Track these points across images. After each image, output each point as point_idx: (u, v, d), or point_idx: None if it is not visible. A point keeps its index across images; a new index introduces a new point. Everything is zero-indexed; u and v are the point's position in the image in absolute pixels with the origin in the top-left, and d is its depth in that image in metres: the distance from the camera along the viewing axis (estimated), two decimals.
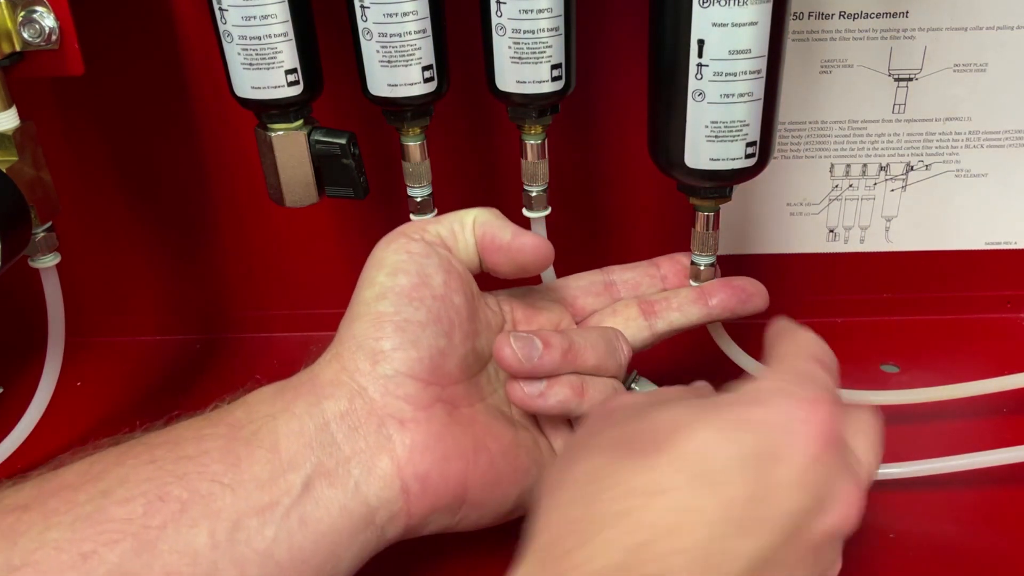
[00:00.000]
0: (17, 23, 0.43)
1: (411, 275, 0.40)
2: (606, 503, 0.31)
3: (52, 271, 0.48)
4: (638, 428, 0.34)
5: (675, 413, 0.34)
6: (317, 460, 0.37)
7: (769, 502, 0.31)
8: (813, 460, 0.32)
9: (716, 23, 0.39)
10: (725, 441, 0.32)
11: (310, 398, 0.39)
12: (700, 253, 0.47)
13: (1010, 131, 0.55)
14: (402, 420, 0.39)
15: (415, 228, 0.43)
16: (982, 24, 0.51)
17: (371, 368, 0.39)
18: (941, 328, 0.61)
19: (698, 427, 0.32)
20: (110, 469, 0.36)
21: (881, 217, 0.58)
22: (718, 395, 0.36)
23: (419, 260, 0.41)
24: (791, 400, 0.33)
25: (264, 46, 0.43)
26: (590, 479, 0.33)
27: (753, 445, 0.32)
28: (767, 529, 0.31)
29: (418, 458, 0.38)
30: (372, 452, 0.38)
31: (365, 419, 0.38)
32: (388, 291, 0.40)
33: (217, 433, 0.37)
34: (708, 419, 0.33)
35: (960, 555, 0.45)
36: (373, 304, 0.40)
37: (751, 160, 0.42)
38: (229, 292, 0.62)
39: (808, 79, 0.53)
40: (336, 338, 0.41)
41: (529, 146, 0.46)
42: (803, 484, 0.32)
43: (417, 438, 0.38)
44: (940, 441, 0.50)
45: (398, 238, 0.42)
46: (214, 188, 0.57)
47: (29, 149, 0.46)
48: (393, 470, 0.38)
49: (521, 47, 0.42)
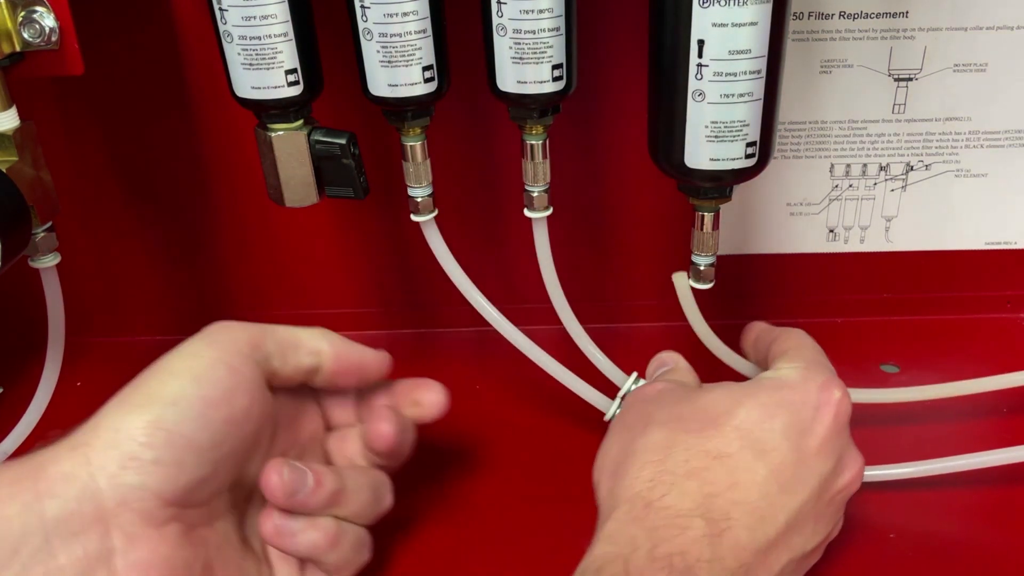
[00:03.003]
0: (17, 23, 0.43)
1: (217, 392, 0.37)
2: (680, 463, 0.38)
3: (52, 271, 0.48)
4: (691, 408, 0.41)
5: (721, 395, 0.41)
6: (22, 567, 0.33)
7: (804, 466, 0.39)
8: (833, 433, 0.40)
9: (716, 23, 0.38)
10: (769, 417, 0.40)
11: (28, 496, 0.33)
12: (700, 253, 0.47)
13: (1010, 131, 0.55)
14: (131, 535, 0.35)
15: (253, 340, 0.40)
16: (982, 24, 0.51)
17: (117, 471, 0.34)
18: (941, 328, 0.61)
19: (743, 407, 0.40)
20: None
21: (881, 217, 0.58)
22: (747, 382, 0.43)
23: (236, 379, 0.38)
24: (814, 384, 0.41)
25: (264, 46, 0.43)
26: (660, 447, 0.39)
27: (789, 420, 0.40)
28: (802, 488, 0.39)
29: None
30: (89, 563, 0.34)
31: (90, 525, 0.34)
32: (184, 399, 0.36)
33: None
34: (752, 400, 0.40)
35: (960, 555, 0.45)
36: (159, 404, 0.36)
37: (751, 160, 0.42)
38: (229, 292, 0.62)
39: (808, 79, 0.53)
40: (95, 419, 0.36)
41: (530, 146, 0.46)
42: (827, 452, 0.40)
43: (142, 555, 0.35)
44: (940, 441, 0.50)
45: (231, 343, 0.39)
46: (214, 188, 0.57)
47: (29, 149, 0.46)
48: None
49: (522, 47, 0.42)
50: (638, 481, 0.38)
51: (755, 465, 0.38)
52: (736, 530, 0.36)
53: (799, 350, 0.44)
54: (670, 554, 0.35)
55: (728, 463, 0.38)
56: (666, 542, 0.35)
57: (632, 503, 0.38)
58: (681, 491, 0.37)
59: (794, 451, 0.39)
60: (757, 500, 0.37)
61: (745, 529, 0.37)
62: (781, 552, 0.38)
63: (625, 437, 0.42)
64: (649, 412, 0.42)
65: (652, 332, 0.61)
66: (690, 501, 0.37)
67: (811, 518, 0.39)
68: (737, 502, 0.37)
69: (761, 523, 0.37)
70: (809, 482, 0.39)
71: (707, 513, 0.37)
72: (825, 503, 0.40)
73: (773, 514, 0.38)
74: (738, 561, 0.36)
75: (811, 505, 0.39)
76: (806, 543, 0.39)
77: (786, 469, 0.38)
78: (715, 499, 0.37)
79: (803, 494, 0.38)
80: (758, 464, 0.38)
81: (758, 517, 0.37)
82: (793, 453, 0.39)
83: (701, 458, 0.38)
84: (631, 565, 0.35)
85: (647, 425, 0.41)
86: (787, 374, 0.42)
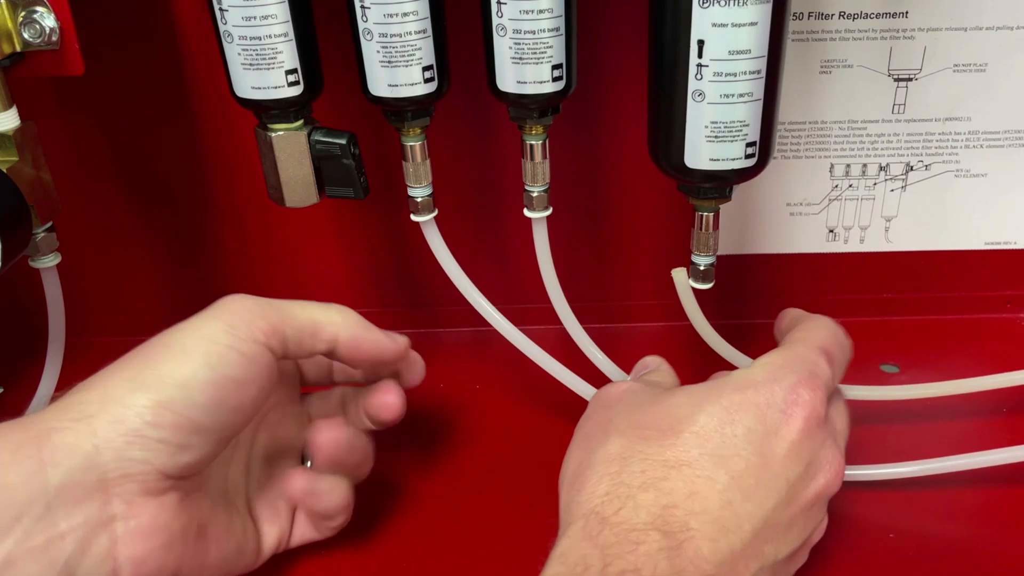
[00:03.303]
0: (17, 23, 0.43)
1: (229, 380, 0.37)
2: (636, 475, 0.37)
3: (52, 271, 0.48)
4: (651, 415, 0.39)
5: (680, 401, 0.39)
6: (24, 534, 0.33)
7: (770, 472, 0.37)
8: (803, 435, 0.38)
9: (716, 23, 0.39)
10: (730, 421, 0.38)
11: (31, 463, 0.34)
12: (700, 253, 0.47)
13: (1010, 131, 0.55)
14: (132, 503, 0.35)
15: (271, 328, 0.39)
16: (982, 24, 0.51)
17: (123, 446, 0.35)
18: (941, 328, 0.61)
19: (703, 412, 0.38)
20: None
21: (881, 217, 0.58)
22: (713, 381, 0.41)
23: (249, 369, 0.38)
24: (781, 384, 0.39)
25: (264, 46, 0.43)
26: (617, 457, 0.38)
27: (752, 424, 0.38)
28: (769, 495, 0.37)
29: (139, 543, 0.36)
30: (90, 529, 0.35)
31: (92, 493, 0.35)
32: (195, 383, 0.36)
33: None
34: (714, 403, 0.38)
35: (960, 555, 0.45)
36: (170, 386, 0.36)
37: (751, 160, 0.42)
38: (229, 292, 0.62)
39: (808, 79, 0.53)
40: (102, 390, 0.36)
41: (530, 146, 0.46)
42: (796, 456, 0.38)
43: (142, 522, 0.36)
44: (940, 441, 0.50)
45: (247, 329, 0.39)
46: (214, 188, 0.57)
47: (29, 149, 0.46)
48: (108, 550, 0.35)
49: (522, 47, 0.42)
50: (594, 496, 0.37)
51: (715, 473, 0.37)
52: (696, 541, 0.35)
53: (792, 344, 0.42)
54: (623, 571, 0.34)
55: (686, 472, 0.37)
56: (619, 559, 0.34)
57: (587, 519, 0.36)
58: (636, 504, 0.36)
59: (758, 456, 0.37)
60: (718, 509, 0.36)
61: (707, 540, 0.35)
62: (750, 562, 0.36)
63: (584, 447, 0.40)
64: (609, 419, 0.41)
65: (652, 332, 0.61)
66: (646, 514, 0.35)
67: (782, 525, 0.37)
68: (696, 512, 0.36)
69: (724, 533, 0.35)
70: (776, 488, 0.37)
71: (664, 526, 0.35)
72: (798, 508, 0.38)
73: (738, 523, 0.36)
74: (700, 573, 0.34)
75: (781, 512, 0.37)
76: (779, 551, 0.37)
77: (749, 475, 0.37)
78: (672, 510, 0.36)
79: (770, 501, 0.37)
80: (718, 471, 0.37)
81: (720, 527, 0.36)
82: (757, 458, 0.37)
83: (658, 468, 0.37)
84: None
85: (606, 434, 0.40)
86: (756, 372, 0.40)
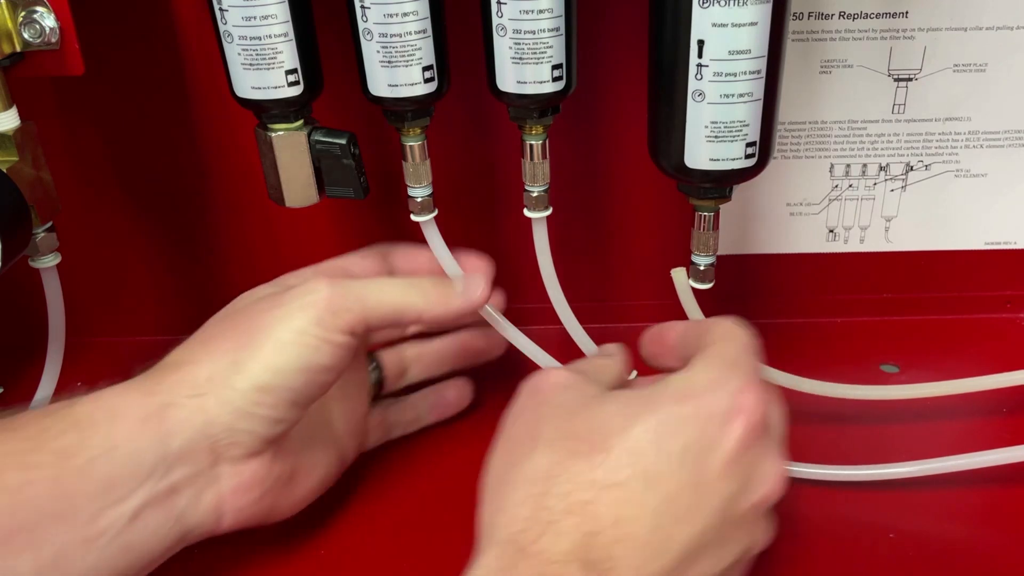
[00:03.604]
0: (17, 23, 0.43)
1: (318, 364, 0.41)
2: (561, 497, 0.35)
3: (52, 271, 0.48)
4: (585, 423, 0.37)
5: (615, 410, 0.37)
6: (149, 493, 0.39)
7: (704, 491, 0.35)
8: (742, 448, 0.36)
9: (716, 23, 0.39)
10: (667, 436, 0.35)
11: (156, 433, 0.39)
12: (700, 253, 0.47)
13: (1010, 131, 0.55)
14: (235, 461, 0.41)
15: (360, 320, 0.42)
16: (982, 24, 0.51)
17: (231, 421, 0.40)
18: (941, 328, 0.61)
19: (638, 425, 0.36)
20: None
21: (881, 217, 0.58)
22: (651, 387, 0.38)
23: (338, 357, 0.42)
24: (720, 393, 0.37)
25: (264, 46, 0.43)
26: (543, 476, 0.36)
27: (689, 440, 0.35)
28: (700, 516, 0.35)
29: (240, 495, 0.41)
30: (201, 486, 0.40)
31: (204, 456, 0.40)
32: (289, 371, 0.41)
33: (43, 462, 0.37)
34: (650, 416, 0.36)
35: (960, 555, 0.45)
36: (269, 372, 0.40)
37: (751, 160, 0.42)
38: (229, 292, 0.62)
39: (808, 79, 0.53)
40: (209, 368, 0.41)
41: (530, 146, 0.46)
42: (732, 472, 0.36)
43: (244, 479, 0.41)
44: (940, 441, 0.50)
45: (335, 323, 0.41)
46: (214, 188, 0.57)
47: (29, 149, 0.46)
48: (215, 503, 0.41)
49: (522, 47, 0.42)
50: (514, 521, 0.35)
51: (645, 496, 0.35)
52: (619, 570, 0.33)
53: (720, 345, 0.40)
54: None
55: (615, 494, 0.35)
56: None
57: (504, 547, 0.34)
58: (558, 532, 0.34)
59: (692, 475, 0.35)
60: (646, 535, 0.34)
61: (631, 569, 0.34)
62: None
63: (509, 453, 0.39)
64: (539, 424, 0.38)
65: None
66: (567, 542, 0.34)
67: (714, 543, 0.35)
68: (621, 539, 0.34)
69: (651, 560, 0.34)
70: (710, 507, 0.35)
71: (586, 555, 0.33)
72: (734, 523, 0.36)
73: (666, 548, 0.34)
74: None
75: (714, 531, 0.35)
76: (711, 568, 0.36)
77: (682, 497, 0.35)
78: (596, 537, 0.34)
79: (703, 521, 0.35)
80: (649, 494, 0.35)
81: (647, 554, 0.34)
82: (691, 478, 0.35)
83: (586, 489, 0.35)
84: None
85: (534, 444, 0.37)
86: (696, 380, 0.38)
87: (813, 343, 0.60)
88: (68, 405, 0.40)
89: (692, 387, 0.37)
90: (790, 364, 0.50)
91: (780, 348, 0.57)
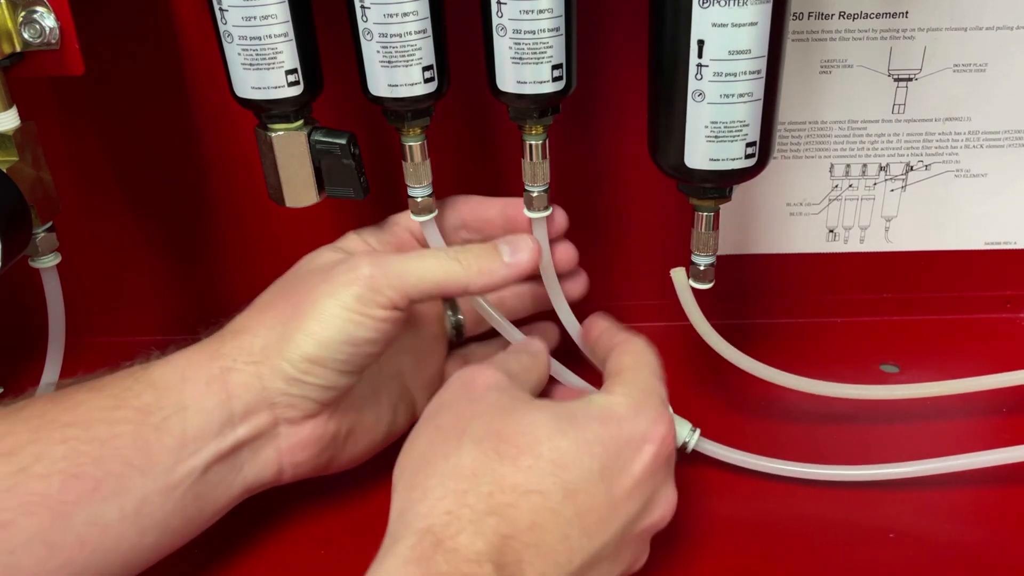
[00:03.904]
0: (17, 23, 0.43)
1: (363, 338, 0.43)
2: (484, 496, 0.36)
3: (52, 271, 0.48)
4: (513, 426, 0.39)
5: (544, 421, 0.39)
6: (217, 449, 0.42)
7: (613, 509, 0.38)
8: (649, 473, 0.39)
9: (716, 23, 0.39)
10: (589, 454, 0.38)
11: (221, 395, 0.42)
12: (700, 253, 0.47)
13: (1010, 131, 0.55)
14: (292, 422, 0.43)
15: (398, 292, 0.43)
16: (982, 24, 0.51)
17: (284, 387, 0.42)
18: (941, 328, 0.61)
19: (566, 439, 0.38)
20: (24, 446, 0.39)
21: (881, 217, 0.58)
22: (576, 403, 0.41)
23: (380, 326, 0.43)
24: (638, 420, 0.40)
25: (264, 46, 0.43)
26: (468, 473, 0.37)
27: (608, 461, 0.38)
28: (605, 531, 0.38)
29: (298, 452, 0.44)
30: (262, 443, 0.43)
31: (263, 416, 0.43)
32: (335, 343, 0.42)
33: (126, 417, 0.41)
34: (577, 432, 0.39)
35: (960, 555, 0.45)
36: (316, 344, 0.42)
37: (751, 160, 0.42)
38: (229, 292, 0.62)
39: (808, 79, 0.53)
40: (263, 338, 0.43)
41: (530, 146, 0.46)
42: (639, 493, 0.39)
43: (302, 436, 0.44)
44: (940, 441, 0.50)
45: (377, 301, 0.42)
46: (214, 188, 0.57)
47: (29, 149, 0.46)
48: (275, 459, 0.44)
49: (522, 47, 0.42)
50: (434, 512, 0.36)
51: (562, 506, 0.37)
52: (526, 573, 0.35)
53: (635, 371, 0.43)
54: None
55: (535, 500, 0.37)
56: None
57: (421, 537, 0.35)
58: (476, 530, 0.35)
59: (605, 493, 0.38)
60: (555, 543, 0.36)
61: (535, 572, 0.36)
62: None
63: (433, 443, 0.40)
64: (468, 420, 0.40)
65: (652, 332, 0.60)
66: (483, 543, 0.35)
67: (608, 558, 0.38)
68: (532, 544, 0.36)
69: (554, 567, 0.36)
70: (614, 524, 0.38)
71: (500, 557, 0.35)
72: (627, 541, 0.39)
73: (569, 558, 0.37)
74: None
75: (612, 547, 0.38)
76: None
77: (593, 513, 0.38)
78: (510, 541, 0.35)
79: (605, 537, 0.38)
80: (565, 505, 0.37)
81: (552, 561, 0.36)
82: (604, 496, 0.38)
83: (508, 492, 0.37)
84: None
85: (461, 438, 0.39)
86: (618, 404, 0.40)
87: (813, 343, 0.60)
88: (145, 368, 0.43)
89: (615, 411, 0.40)
90: (790, 364, 0.50)
91: (780, 348, 0.57)
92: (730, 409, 0.55)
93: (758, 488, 0.49)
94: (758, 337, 0.59)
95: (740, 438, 0.49)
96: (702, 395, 0.55)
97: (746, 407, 0.55)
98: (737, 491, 0.49)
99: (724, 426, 0.50)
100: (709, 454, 0.48)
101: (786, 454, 0.48)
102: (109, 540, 0.39)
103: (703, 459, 0.48)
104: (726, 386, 0.55)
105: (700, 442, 0.48)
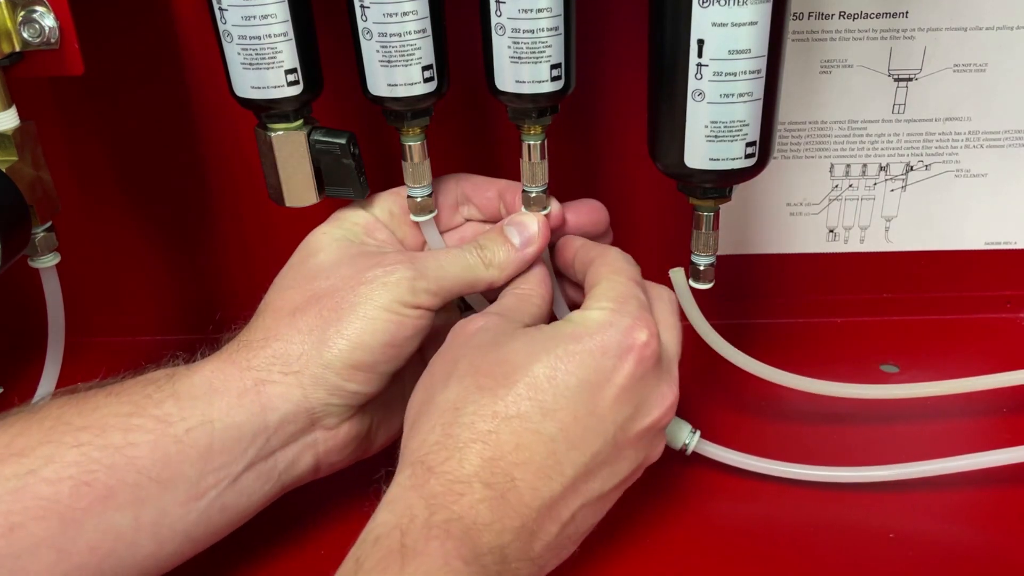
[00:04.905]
0: (17, 23, 0.43)
1: (401, 336, 0.43)
2: (467, 426, 0.39)
3: (52, 271, 0.48)
4: (492, 360, 0.41)
5: (519, 347, 0.41)
6: (249, 460, 0.41)
7: (597, 419, 0.39)
8: (634, 380, 0.40)
9: (716, 23, 0.38)
10: (564, 373, 0.39)
11: (255, 408, 0.41)
12: (700, 253, 0.47)
13: (1010, 131, 0.55)
14: (330, 427, 0.44)
15: (432, 294, 0.44)
16: (982, 24, 0.51)
17: (325, 396, 0.43)
18: (941, 328, 0.61)
19: (538, 363, 0.40)
20: (35, 448, 0.38)
21: (881, 217, 0.58)
22: (553, 326, 0.42)
23: (417, 324, 0.44)
24: (612, 331, 0.40)
25: (264, 46, 0.43)
26: (451, 406, 0.40)
27: (585, 375, 0.40)
28: (592, 441, 0.39)
29: (334, 454, 0.45)
30: (299, 450, 0.43)
31: (300, 425, 0.43)
32: (375, 345, 0.43)
33: (143, 426, 0.40)
34: (549, 354, 0.40)
35: (959, 555, 0.45)
36: (357, 349, 0.42)
37: (751, 160, 0.42)
38: (229, 292, 0.62)
39: (808, 79, 0.53)
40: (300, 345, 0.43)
41: (528, 146, 0.46)
42: (625, 400, 0.40)
43: (338, 440, 0.44)
44: (940, 441, 0.50)
45: (411, 296, 0.43)
46: (214, 188, 0.57)
47: (29, 149, 0.46)
48: (312, 463, 0.44)
49: (520, 47, 0.42)
50: (425, 444, 0.39)
51: (543, 425, 0.39)
52: (519, 490, 0.37)
53: (611, 281, 0.43)
54: (447, 520, 0.36)
55: (515, 424, 0.39)
56: (443, 509, 0.36)
57: (415, 467, 0.38)
58: (463, 457, 0.38)
59: (586, 406, 0.39)
60: (543, 459, 0.38)
61: (528, 488, 0.38)
62: (570, 500, 0.39)
63: (428, 387, 0.42)
64: (455, 360, 0.42)
65: None
66: (470, 466, 0.37)
67: (607, 463, 0.40)
68: (520, 463, 0.38)
69: (547, 481, 0.38)
70: (603, 433, 0.40)
71: (489, 477, 0.37)
72: (626, 444, 0.41)
73: (560, 470, 0.38)
74: (521, 519, 0.37)
75: (606, 453, 0.40)
76: (603, 485, 0.40)
77: (576, 425, 0.39)
78: (497, 462, 0.38)
79: (595, 446, 0.39)
80: (546, 423, 0.39)
81: (543, 475, 0.38)
82: (585, 408, 0.39)
83: (488, 420, 0.39)
84: (407, 537, 0.35)
85: (447, 378, 0.41)
86: (592, 319, 0.41)
87: (813, 343, 0.60)
88: (169, 376, 0.42)
89: (587, 326, 0.41)
90: (790, 364, 0.50)
91: (780, 348, 0.58)
92: (730, 409, 0.55)
93: (758, 488, 0.49)
94: (758, 337, 0.59)
95: (740, 438, 0.49)
96: (702, 395, 0.55)
97: (746, 407, 0.55)
98: (737, 492, 0.49)
99: (724, 426, 0.50)
100: (709, 455, 0.48)
101: (786, 454, 0.48)
102: (123, 548, 0.38)
103: (703, 460, 0.48)
104: (726, 386, 0.55)
105: (700, 444, 0.48)
